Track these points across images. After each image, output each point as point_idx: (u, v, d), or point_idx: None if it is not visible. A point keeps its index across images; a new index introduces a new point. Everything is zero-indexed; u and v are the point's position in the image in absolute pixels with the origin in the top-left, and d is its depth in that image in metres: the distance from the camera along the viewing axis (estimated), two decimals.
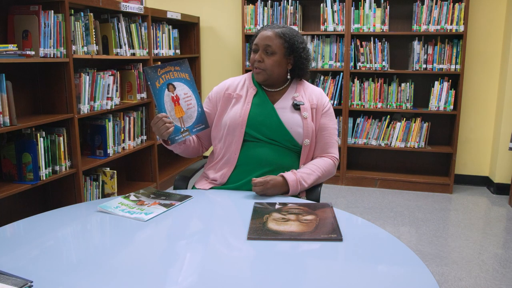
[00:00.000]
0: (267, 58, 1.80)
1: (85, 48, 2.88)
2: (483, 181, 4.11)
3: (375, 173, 4.16)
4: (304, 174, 1.74)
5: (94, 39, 2.94)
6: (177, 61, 1.75)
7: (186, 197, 1.63)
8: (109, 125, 3.12)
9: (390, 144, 4.01)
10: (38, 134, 2.53)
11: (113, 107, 3.15)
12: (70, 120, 2.76)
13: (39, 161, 2.52)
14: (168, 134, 1.66)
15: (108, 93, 3.08)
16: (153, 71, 1.66)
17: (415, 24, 3.79)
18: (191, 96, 1.77)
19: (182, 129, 1.72)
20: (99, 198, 3.07)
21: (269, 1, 4.06)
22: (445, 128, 4.10)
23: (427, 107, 3.93)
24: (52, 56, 2.60)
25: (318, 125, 1.85)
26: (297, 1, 4.00)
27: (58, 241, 1.30)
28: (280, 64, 1.81)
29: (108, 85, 3.08)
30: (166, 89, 1.69)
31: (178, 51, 4.21)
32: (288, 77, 1.89)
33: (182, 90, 1.74)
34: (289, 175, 1.70)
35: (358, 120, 4.06)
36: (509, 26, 3.71)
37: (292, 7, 3.99)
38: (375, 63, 3.91)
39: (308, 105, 1.84)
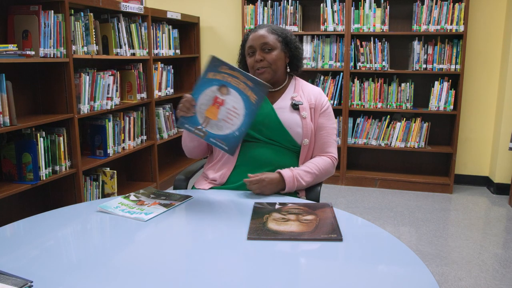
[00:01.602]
0: (267, 55, 1.80)
1: (85, 48, 2.88)
2: (483, 181, 4.11)
3: (375, 173, 4.16)
4: (301, 171, 1.74)
5: (94, 39, 2.94)
6: (256, 78, 1.58)
7: (186, 197, 1.62)
8: (109, 125, 3.12)
9: (390, 144, 4.01)
10: (38, 134, 2.53)
11: (113, 107, 3.15)
12: (70, 120, 2.76)
13: (39, 161, 2.52)
14: (182, 114, 1.64)
15: (108, 93, 3.09)
16: (216, 64, 1.56)
17: (415, 24, 3.79)
18: (240, 116, 1.59)
19: (200, 126, 1.64)
20: (99, 198, 3.07)
21: (269, 1, 4.05)
22: (445, 128, 4.10)
23: (427, 107, 3.93)
24: (52, 56, 2.60)
25: (317, 125, 1.85)
26: (297, 1, 4.00)
27: (58, 241, 1.29)
28: (280, 58, 1.82)
29: (108, 85, 3.08)
30: (216, 87, 1.59)
31: (178, 51, 4.21)
32: (288, 70, 1.90)
33: (235, 103, 1.58)
34: (286, 172, 1.70)
35: (358, 120, 4.06)
36: (509, 26, 3.71)
37: (292, 7, 3.99)
38: (375, 63, 3.91)
39: (306, 105, 1.83)
